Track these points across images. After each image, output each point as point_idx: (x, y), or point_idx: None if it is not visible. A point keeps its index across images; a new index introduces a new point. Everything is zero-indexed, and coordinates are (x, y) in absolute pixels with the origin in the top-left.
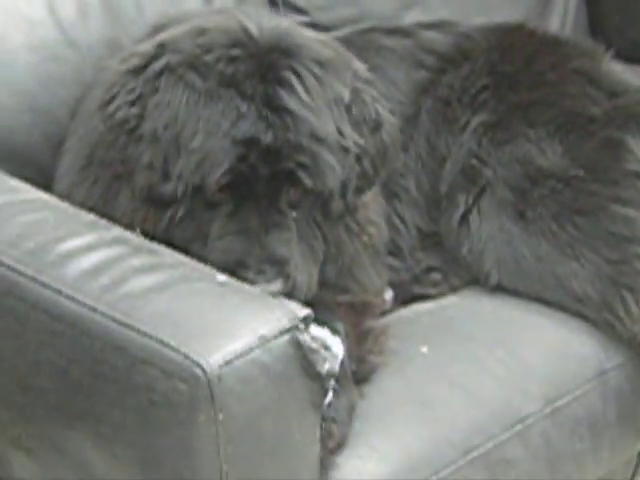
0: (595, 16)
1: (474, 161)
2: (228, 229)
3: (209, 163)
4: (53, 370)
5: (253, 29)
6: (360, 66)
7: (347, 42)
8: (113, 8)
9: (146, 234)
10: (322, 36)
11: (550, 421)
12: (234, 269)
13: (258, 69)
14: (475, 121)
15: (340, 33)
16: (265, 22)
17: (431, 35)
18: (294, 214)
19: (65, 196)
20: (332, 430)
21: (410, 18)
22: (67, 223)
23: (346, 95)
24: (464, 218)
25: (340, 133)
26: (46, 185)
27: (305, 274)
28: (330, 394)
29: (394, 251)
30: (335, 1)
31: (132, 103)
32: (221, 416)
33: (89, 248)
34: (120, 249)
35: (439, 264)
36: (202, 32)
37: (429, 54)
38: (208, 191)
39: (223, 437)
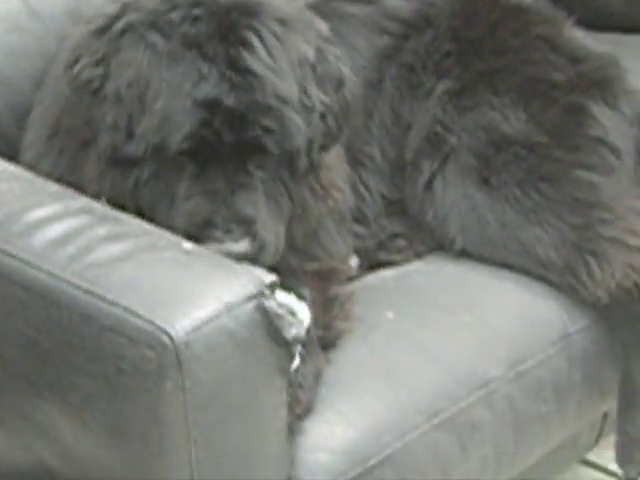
0: None
1: (438, 128)
2: (194, 190)
3: (171, 124)
4: (22, 340)
5: None
6: (322, 25)
7: (312, 8)
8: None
9: (113, 201)
10: None
11: (515, 384)
12: (201, 229)
13: (219, 29)
14: (440, 88)
15: (305, 1)
16: None
17: (394, 2)
18: (260, 174)
19: (32, 167)
20: (299, 396)
21: None
22: (33, 194)
23: (310, 54)
24: (428, 185)
25: (305, 92)
26: (11, 156)
27: (272, 233)
28: (297, 360)
29: (359, 218)
30: None
31: (96, 63)
32: (188, 383)
33: (55, 218)
34: (86, 218)
35: (404, 230)
36: None
37: (392, 20)
38: (170, 152)
39: (190, 404)
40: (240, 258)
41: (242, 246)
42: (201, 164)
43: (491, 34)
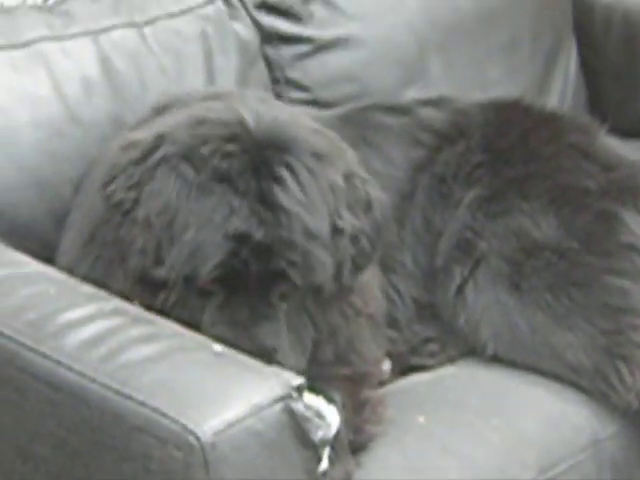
0: (594, 92)
1: (469, 234)
2: (219, 319)
3: (200, 256)
4: (53, 439)
5: (250, 122)
6: (351, 152)
7: (346, 119)
8: (117, 86)
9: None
10: (317, 125)
11: None
12: None
13: (252, 165)
14: (470, 195)
15: (340, 110)
16: (263, 112)
17: (428, 112)
18: (284, 306)
19: (68, 270)
20: None
21: (410, 95)
22: (67, 295)
23: (341, 182)
24: (460, 290)
25: (338, 217)
26: (48, 258)
27: (293, 363)
28: (325, 462)
29: (391, 323)
30: (336, 78)
31: (129, 188)
32: None
33: (88, 319)
34: (119, 320)
35: (436, 335)
36: (199, 122)
37: (426, 131)
38: (199, 282)
39: None
40: None
41: None
42: (227, 294)
43: (523, 142)
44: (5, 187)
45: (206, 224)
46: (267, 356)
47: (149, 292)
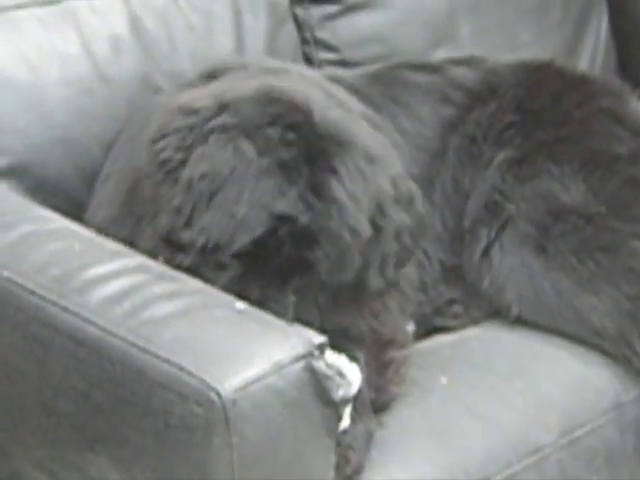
0: (624, 55)
1: (497, 196)
2: (227, 290)
3: (241, 228)
4: (76, 394)
5: (316, 114)
6: (396, 159)
7: (375, 78)
8: (146, 44)
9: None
10: (373, 129)
11: (567, 452)
12: None
13: (310, 155)
14: (499, 157)
15: (368, 69)
16: (328, 107)
17: (459, 71)
18: (294, 299)
19: (101, 226)
20: (349, 456)
21: (439, 55)
22: (92, 251)
23: (388, 185)
24: (486, 252)
25: (382, 216)
26: (75, 215)
27: None
28: (347, 421)
29: (417, 285)
30: (365, 39)
31: (179, 148)
32: (235, 440)
33: (113, 275)
34: (143, 276)
35: (461, 297)
36: (267, 101)
37: (457, 90)
38: (225, 252)
39: (237, 461)
40: None
41: None
42: (244, 271)
43: (554, 105)
44: (33, 144)
45: (253, 201)
46: None
47: (170, 252)
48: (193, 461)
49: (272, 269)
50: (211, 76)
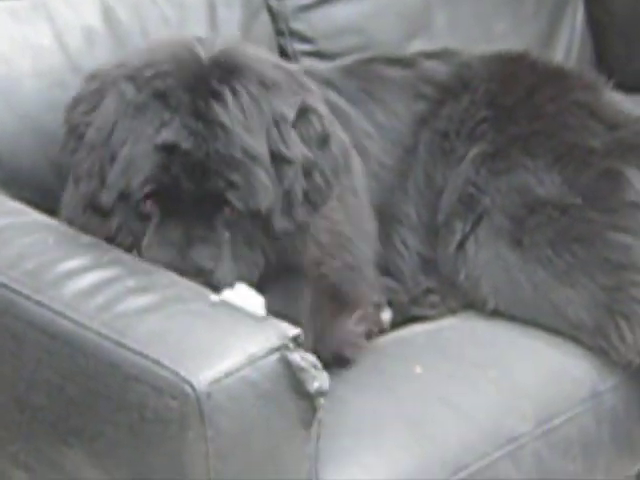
0: (600, 46)
1: (472, 189)
2: (154, 240)
3: (133, 170)
4: (49, 388)
5: (200, 49)
6: (317, 92)
7: (350, 71)
8: (119, 35)
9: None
10: (282, 62)
11: (543, 441)
12: None
13: (190, 82)
14: (473, 151)
15: (343, 62)
16: (219, 43)
17: (431, 65)
18: (226, 234)
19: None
20: None
21: (415, 47)
22: (65, 245)
23: (291, 114)
24: (461, 245)
25: (281, 148)
26: (49, 208)
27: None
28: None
29: (395, 273)
30: (341, 30)
31: (86, 113)
32: (210, 432)
33: (86, 269)
34: (116, 270)
35: (438, 286)
36: (152, 50)
37: (429, 84)
38: (133, 199)
39: (212, 453)
40: None
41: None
42: (163, 215)
43: (528, 99)
44: (5, 136)
45: (138, 138)
46: (202, 277)
47: (98, 219)
48: (168, 454)
49: (188, 208)
50: None
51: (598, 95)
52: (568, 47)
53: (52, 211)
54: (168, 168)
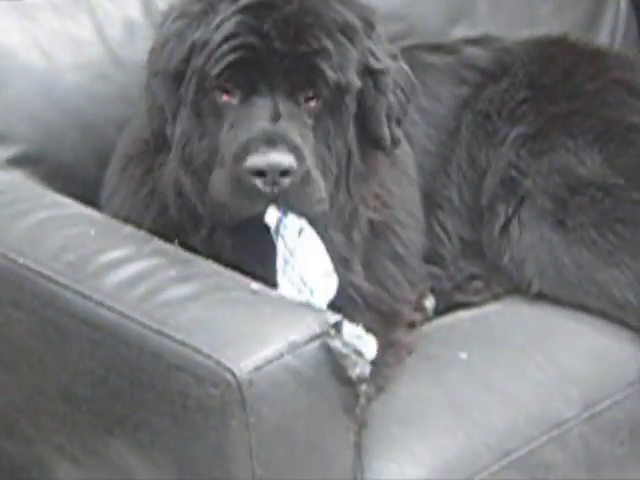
0: None
1: (513, 172)
2: (239, 115)
3: (215, 31)
4: (93, 378)
5: None
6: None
7: None
8: (159, 27)
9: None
10: None
11: (589, 425)
12: (246, 146)
13: None
14: (514, 133)
15: None
16: None
17: (473, 51)
18: (310, 121)
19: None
20: None
21: (456, 33)
22: (107, 236)
23: (371, 33)
24: (505, 228)
25: (373, 57)
26: (91, 200)
27: (319, 176)
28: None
29: (437, 260)
30: (383, 18)
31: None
32: (252, 420)
33: (128, 260)
34: (157, 260)
35: (481, 272)
36: None
37: (470, 69)
38: (211, 85)
39: (255, 441)
40: (285, 173)
41: (287, 159)
42: (244, 93)
43: (567, 79)
44: (48, 130)
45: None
46: (292, 145)
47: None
48: (211, 442)
49: (277, 78)
50: None
51: (636, 72)
52: (613, 29)
53: (95, 204)
54: (258, 29)
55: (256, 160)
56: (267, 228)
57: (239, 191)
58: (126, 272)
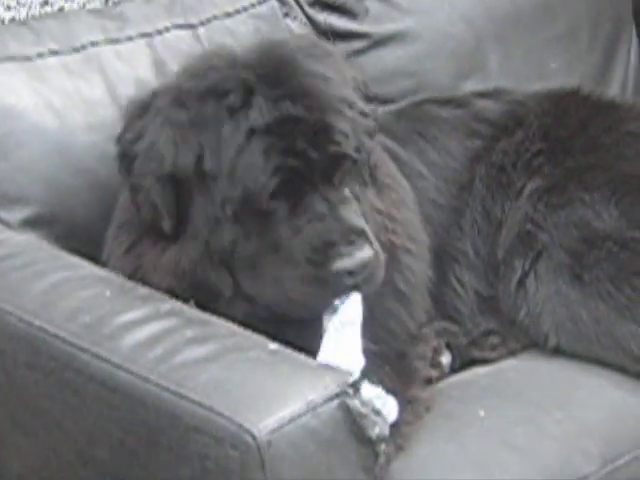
0: None
1: (530, 226)
2: (300, 222)
3: (245, 171)
4: (111, 441)
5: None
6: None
7: (401, 114)
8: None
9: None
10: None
11: None
12: (325, 252)
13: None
14: (530, 186)
15: (394, 106)
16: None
17: (484, 104)
18: (346, 190)
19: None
20: None
21: (467, 88)
22: (123, 297)
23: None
24: (521, 282)
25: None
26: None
27: (379, 248)
28: (382, 458)
29: (453, 314)
30: (392, 74)
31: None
32: None
33: (144, 320)
34: (174, 321)
35: (497, 327)
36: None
37: (482, 123)
38: (259, 200)
39: None
40: (366, 264)
41: (367, 251)
42: (293, 199)
43: (582, 131)
44: (62, 190)
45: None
46: (362, 233)
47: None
48: None
49: (315, 177)
50: None
51: None
52: (623, 81)
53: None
54: (292, 144)
55: (346, 264)
56: None
57: (324, 289)
58: (143, 333)
